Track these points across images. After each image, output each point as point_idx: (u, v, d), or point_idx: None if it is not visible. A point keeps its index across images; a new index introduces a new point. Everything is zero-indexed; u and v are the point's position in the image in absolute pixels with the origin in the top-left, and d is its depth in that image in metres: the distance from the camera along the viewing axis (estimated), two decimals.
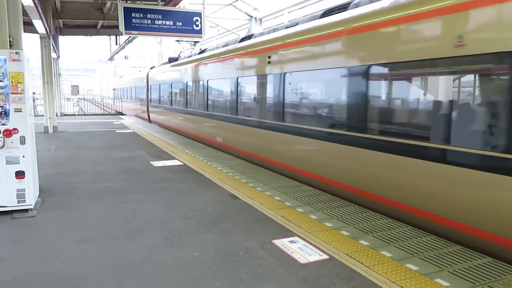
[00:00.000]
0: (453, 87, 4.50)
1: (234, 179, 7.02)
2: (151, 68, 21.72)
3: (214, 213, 5.16)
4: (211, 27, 23.61)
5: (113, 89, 38.24)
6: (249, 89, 9.16)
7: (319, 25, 6.48)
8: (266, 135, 8.08)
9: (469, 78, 4.39)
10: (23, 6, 8.67)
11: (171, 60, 16.83)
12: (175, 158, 9.13)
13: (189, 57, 14.35)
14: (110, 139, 12.78)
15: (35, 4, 9.62)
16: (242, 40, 10.07)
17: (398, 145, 4.84)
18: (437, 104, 4.63)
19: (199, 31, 11.64)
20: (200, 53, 13.33)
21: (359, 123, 5.44)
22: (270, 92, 7.96)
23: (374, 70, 5.28)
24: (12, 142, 4.96)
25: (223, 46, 11.15)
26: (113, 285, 3.26)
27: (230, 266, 3.60)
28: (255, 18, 21.15)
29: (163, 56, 37.30)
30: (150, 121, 20.08)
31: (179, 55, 17.96)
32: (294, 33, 7.17)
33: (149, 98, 19.90)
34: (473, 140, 4.02)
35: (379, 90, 5.48)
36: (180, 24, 11.35)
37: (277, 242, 4.15)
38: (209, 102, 11.45)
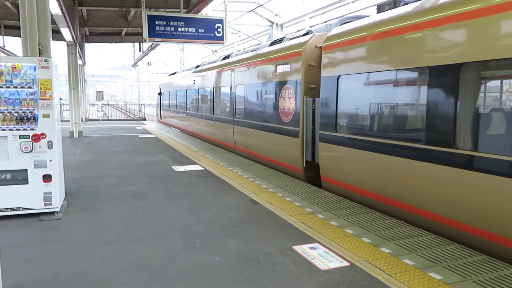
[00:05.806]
0: None
1: (254, 184, 7.04)
2: (312, 34, 7.51)
3: (235, 218, 5.19)
4: (232, 33, 23.84)
5: (159, 93, 23.74)
6: None
7: None
8: None
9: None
10: (51, 15, 8.96)
11: None
12: (196, 163, 9.22)
13: None
14: (133, 144, 13.01)
15: (63, 13, 9.94)
16: None
17: None
18: None
19: (221, 38, 11.76)
20: None
21: None
22: None
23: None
24: (40, 147, 5.12)
25: None
26: (136, 287, 3.32)
27: (251, 271, 3.61)
28: (276, 24, 21.26)
29: (185, 62, 37.57)
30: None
31: None
32: None
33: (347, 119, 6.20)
34: None
35: None
36: (202, 31, 11.49)
37: (297, 248, 4.14)
38: None
